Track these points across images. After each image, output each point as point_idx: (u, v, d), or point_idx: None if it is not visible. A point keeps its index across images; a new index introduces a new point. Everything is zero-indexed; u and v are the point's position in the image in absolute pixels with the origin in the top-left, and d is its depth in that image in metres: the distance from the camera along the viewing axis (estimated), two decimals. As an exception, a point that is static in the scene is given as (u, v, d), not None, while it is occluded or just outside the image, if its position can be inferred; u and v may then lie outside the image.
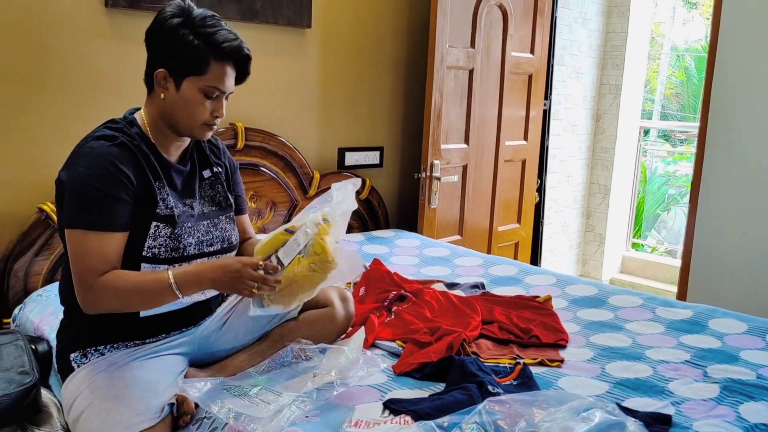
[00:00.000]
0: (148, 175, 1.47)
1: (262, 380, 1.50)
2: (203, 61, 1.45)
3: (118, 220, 1.41)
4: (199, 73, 1.45)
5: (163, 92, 1.48)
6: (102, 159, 1.40)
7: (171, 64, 1.46)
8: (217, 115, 1.52)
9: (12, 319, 2.12)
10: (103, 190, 1.39)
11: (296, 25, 2.80)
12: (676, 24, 8.90)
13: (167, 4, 1.49)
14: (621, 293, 2.32)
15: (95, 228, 1.39)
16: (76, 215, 1.39)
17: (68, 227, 1.40)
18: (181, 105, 1.48)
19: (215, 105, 1.51)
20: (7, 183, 2.16)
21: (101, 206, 1.39)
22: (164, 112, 1.50)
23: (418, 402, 1.44)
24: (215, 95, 1.49)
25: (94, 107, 2.30)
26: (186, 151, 1.61)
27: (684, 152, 7.82)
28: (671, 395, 1.56)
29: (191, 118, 1.49)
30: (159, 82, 1.48)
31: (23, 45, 2.14)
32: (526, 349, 1.85)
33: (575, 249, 5.12)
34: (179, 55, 1.45)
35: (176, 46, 1.44)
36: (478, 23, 3.25)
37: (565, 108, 4.67)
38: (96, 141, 1.43)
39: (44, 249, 2.20)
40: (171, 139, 1.55)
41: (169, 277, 1.40)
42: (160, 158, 1.52)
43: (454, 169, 3.31)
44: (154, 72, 1.48)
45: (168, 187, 1.51)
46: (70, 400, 1.46)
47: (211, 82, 1.47)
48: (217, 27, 1.46)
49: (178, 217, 1.50)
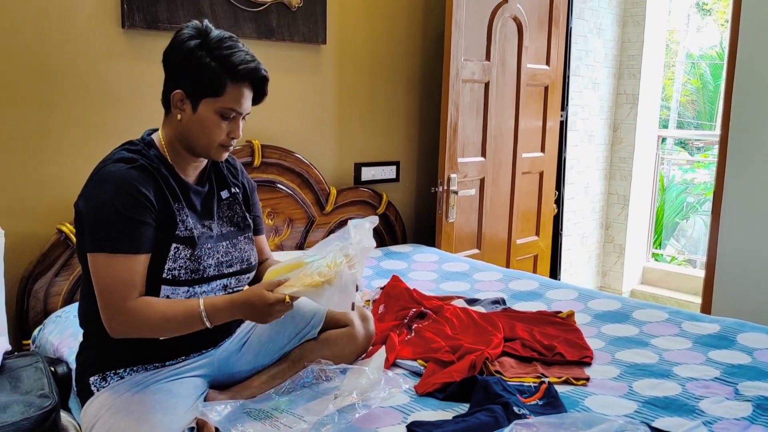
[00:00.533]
0: (167, 197, 1.46)
1: (282, 402, 1.48)
2: (220, 83, 1.44)
3: (142, 243, 1.40)
4: (215, 95, 1.45)
5: (179, 113, 1.48)
6: (123, 182, 1.40)
7: (188, 85, 1.46)
8: (234, 136, 1.51)
9: (32, 341, 2.12)
10: (125, 213, 1.38)
11: (312, 41, 2.80)
12: (690, 31, 8.84)
13: (185, 26, 1.49)
14: (645, 307, 2.28)
15: (120, 251, 1.38)
16: (99, 239, 1.38)
17: (91, 251, 1.40)
18: (197, 126, 1.47)
19: (232, 126, 1.50)
20: (26, 203, 2.17)
21: (124, 229, 1.38)
22: (181, 133, 1.50)
23: (442, 424, 1.41)
24: (232, 116, 1.49)
25: (113, 127, 2.30)
26: (204, 171, 1.60)
27: (701, 160, 7.73)
28: (702, 414, 1.51)
29: (208, 139, 1.48)
30: (176, 103, 1.48)
31: (42, 67, 2.15)
32: (550, 367, 1.81)
33: (594, 260, 5.06)
34: (196, 77, 1.44)
35: (193, 68, 1.44)
36: (493, 36, 3.24)
37: (582, 118, 4.63)
38: (115, 164, 1.43)
39: (64, 269, 2.20)
40: (189, 160, 1.54)
41: (199, 309, 1.40)
42: (178, 180, 1.51)
43: (472, 183, 3.28)
44: (171, 93, 1.48)
45: (187, 208, 1.50)
46: (89, 425, 1.45)
47: (227, 104, 1.46)
48: (234, 49, 1.46)
49: (198, 239, 1.49)
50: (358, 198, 3.07)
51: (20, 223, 2.15)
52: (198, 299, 1.43)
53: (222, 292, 1.57)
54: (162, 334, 1.44)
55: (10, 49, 2.09)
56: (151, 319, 1.39)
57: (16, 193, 2.15)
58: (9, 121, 2.11)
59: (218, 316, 1.42)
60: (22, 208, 2.16)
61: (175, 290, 1.46)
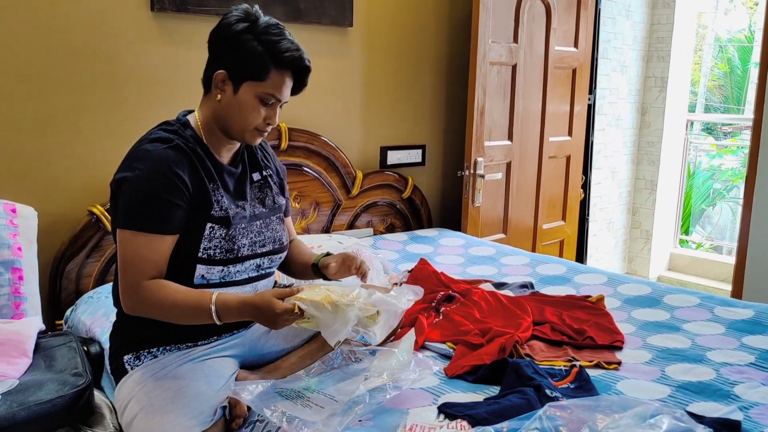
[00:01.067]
0: (203, 177, 1.47)
1: (313, 383, 1.48)
2: (264, 67, 1.44)
3: (170, 224, 1.41)
4: (258, 79, 1.45)
5: (220, 94, 1.49)
6: (159, 162, 1.40)
7: (232, 67, 1.46)
8: (270, 122, 1.52)
9: (64, 321, 2.15)
10: (158, 193, 1.39)
11: (339, 24, 2.78)
12: (718, 14, 8.64)
13: (233, 8, 1.49)
14: (676, 292, 2.25)
15: (146, 230, 1.39)
16: (129, 216, 1.40)
17: (120, 227, 1.41)
18: (236, 108, 1.47)
19: (269, 112, 1.50)
20: (59, 185, 2.20)
21: (154, 209, 1.39)
22: (218, 114, 1.50)
23: (473, 406, 1.40)
24: (271, 102, 1.49)
25: (144, 110, 2.32)
26: (237, 153, 1.61)
27: (729, 145, 7.59)
28: (738, 399, 1.49)
29: (245, 122, 1.49)
30: (217, 83, 1.48)
31: (74, 50, 2.17)
32: (580, 350, 1.80)
33: (621, 246, 5.00)
34: (241, 59, 1.45)
35: (239, 50, 1.44)
36: (521, 18, 3.19)
37: (610, 102, 4.56)
38: (152, 144, 1.44)
39: (95, 251, 2.23)
40: (223, 141, 1.55)
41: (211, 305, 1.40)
42: (213, 160, 1.52)
43: (498, 167, 3.25)
44: (213, 73, 1.48)
45: (222, 188, 1.51)
46: (123, 402, 1.47)
47: (268, 89, 1.47)
48: (281, 36, 1.46)
49: (233, 218, 1.50)
50: (384, 182, 3.06)
51: (53, 204, 2.18)
52: (212, 293, 1.42)
53: (255, 272, 1.57)
54: (170, 319, 1.44)
55: (44, 32, 2.11)
56: (162, 301, 1.39)
57: (49, 175, 2.17)
58: (42, 103, 2.13)
59: (228, 314, 1.41)
60: (54, 189, 2.19)
61: (210, 269, 1.47)
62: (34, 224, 2.04)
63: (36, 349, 1.74)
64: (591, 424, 1.20)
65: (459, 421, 1.34)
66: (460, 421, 1.34)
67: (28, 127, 2.12)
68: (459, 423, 1.33)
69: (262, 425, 1.41)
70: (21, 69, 2.09)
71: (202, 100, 1.55)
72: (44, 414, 1.47)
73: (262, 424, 1.41)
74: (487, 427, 1.23)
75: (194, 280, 1.48)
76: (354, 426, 1.35)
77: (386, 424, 1.37)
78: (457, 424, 1.33)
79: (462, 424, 1.32)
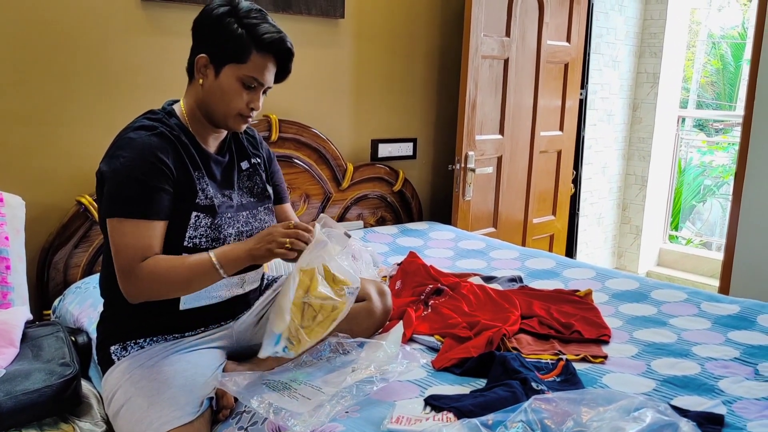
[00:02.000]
0: (187, 165, 1.46)
1: (300, 375, 1.49)
2: (245, 50, 1.44)
3: (159, 209, 1.40)
4: (239, 62, 1.45)
5: (202, 78, 1.49)
6: (143, 149, 1.40)
7: (213, 50, 1.46)
8: (253, 107, 1.51)
9: (52, 311, 2.15)
10: (143, 179, 1.38)
11: (329, 15, 2.77)
12: (711, 10, 8.66)
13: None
14: (663, 287, 2.26)
15: (136, 216, 1.38)
16: (117, 204, 1.39)
17: (109, 216, 1.40)
18: (218, 93, 1.47)
19: (252, 96, 1.49)
20: (47, 175, 2.18)
21: (142, 195, 1.38)
22: (202, 99, 1.50)
23: (460, 398, 1.41)
24: (253, 86, 1.48)
25: (132, 100, 2.30)
26: (224, 142, 1.60)
27: (720, 141, 7.62)
28: (722, 394, 1.50)
29: (227, 106, 1.48)
30: (199, 68, 1.48)
31: (61, 39, 2.15)
32: (567, 344, 1.81)
33: (611, 241, 5.03)
34: (222, 42, 1.45)
35: (220, 33, 1.45)
36: (514, 11, 3.19)
37: (602, 97, 4.57)
38: (136, 132, 1.43)
39: (83, 241, 2.22)
40: (209, 129, 1.54)
41: (211, 258, 1.39)
42: (199, 149, 1.51)
43: (489, 161, 3.26)
44: (195, 58, 1.48)
45: (207, 177, 1.51)
46: (110, 393, 1.47)
47: (250, 72, 1.46)
48: (262, 20, 1.47)
49: (218, 207, 1.49)
50: (375, 174, 3.06)
51: (41, 194, 2.17)
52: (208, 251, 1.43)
53: None
54: (176, 290, 1.42)
55: (31, 21, 2.09)
56: (161, 274, 1.37)
57: (37, 164, 2.16)
58: (30, 93, 2.12)
59: (229, 261, 1.40)
60: (42, 179, 2.17)
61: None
62: (21, 214, 2.02)
63: (23, 339, 1.73)
64: (576, 417, 1.21)
65: (445, 413, 1.34)
66: (446, 413, 1.34)
67: (14, 117, 2.10)
68: (445, 415, 1.34)
69: (249, 416, 1.41)
70: (7, 58, 2.07)
71: (187, 89, 1.54)
72: (31, 403, 1.47)
73: (249, 415, 1.41)
74: (473, 419, 1.24)
75: None
76: (341, 417, 1.35)
77: (373, 415, 1.37)
78: (443, 416, 1.33)
79: (448, 416, 1.33)
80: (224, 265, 1.40)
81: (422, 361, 1.59)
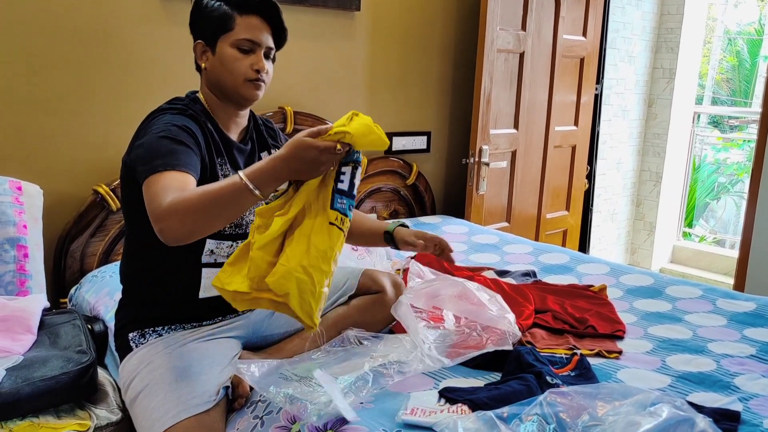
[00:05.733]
0: (211, 150, 1.49)
1: (316, 365, 1.49)
2: (228, 17, 1.48)
3: (191, 164, 1.36)
4: (227, 30, 1.48)
5: (204, 63, 1.52)
6: (173, 120, 1.43)
7: (204, 33, 1.51)
8: (258, 68, 1.49)
9: (68, 299, 2.17)
10: (176, 138, 1.37)
11: (345, 8, 2.77)
12: (728, 6, 8.56)
13: None
14: (678, 284, 2.25)
15: (169, 169, 1.31)
16: (150, 165, 1.32)
17: (145, 178, 1.32)
18: (220, 66, 1.50)
19: (253, 59, 1.50)
20: (65, 164, 2.20)
21: (175, 151, 1.35)
22: (212, 82, 1.53)
23: (474, 391, 1.41)
24: (248, 48, 1.50)
25: (149, 90, 2.31)
26: (246, 131, 1.62)
27: (735, 139, 7.55)
28: (738, 390, 1.50)
29: (232, 75, 1.49)
30: (199, 55, 1.53)
31: (80, 30, 2.16)
32: (581, 339, 1.80)
33: (624, 238, 5.00)
34: (208, 22, 1.50)
35: (204, 14, 1.50)
36: (530, 5, 3.17)
37: (617, 93, 4.54)
38: (164, 113, 1.47)
39: (99, 230, 2.23)
40: (230, 114, 1.56)
41: (241, 178, 1.22)
42: (222, 135, 1.54)
43: (503, 155, 3.25)
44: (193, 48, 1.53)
45: (229, 164, 1.53)
46: (127, 380, 1.48)
47: (240, 35, 1.48)
48: None
49: None
50: (389, 168, 3.06)
51: (58, 183, 2.19)
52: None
53: None
54: (209, 216, 1.25)
55: (50, 12, 2.10)
56: (190, 200, 1.23)
57: (55, 154, 2.18)
58: (48, 83, 2.13)
59: (265, 180, 1.23)
60: (60, 168, 2.19)
61: (219, 244, 1.49)
62: (39, 202, 2.04)
63: (41, 326, 1.75)
64: (591, 411, 1.21)
65: (460, 406, 1.34)
66: (461, 406, 1.34)
67: (33, 106, 2.12)
68: (460, 407, 1.34)
69: (264, 405, 1.42)
70: (26, 47, 2.08)
71: (200, 83, 1.58)
72: (48, 390, 1.49)
73: (264, 404, 1.42)
74: (488, 411, 1.24)
75: (202, 257, 1.49)
76: (356, 408, 1.35)
77: (388, 407, 1.37)
78: (457, 408, 1.33)
79: (463, 409, 1.33)
80: (255, 180, 1.22)
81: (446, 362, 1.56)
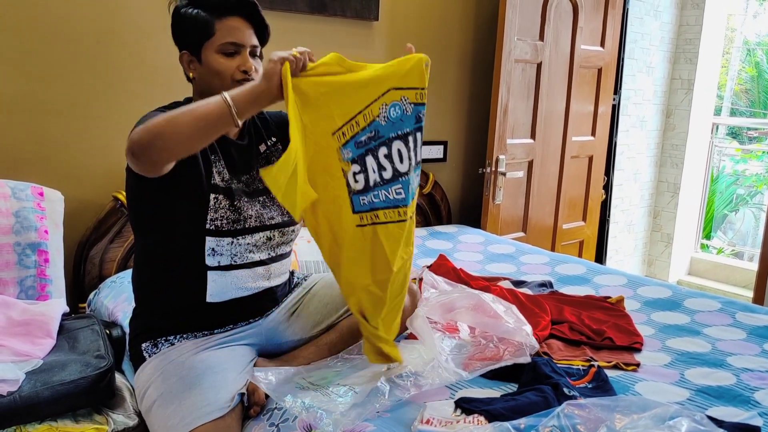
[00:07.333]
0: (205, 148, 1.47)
1: (332, 373, 1.49)
2: (207, 23, 1.48)
3: None
4: (209, 36, 1.48)
5: (192, 72, 1.53)
6: (163, 107, 1.46)
7: (186, 43, 1.52)
8: (245, 68, 1.49)
9: (87, 304, 2.19)
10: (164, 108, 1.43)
11: (364, 17, 2.78)
12: (747, 17, 8.50)
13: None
14: (697, 296, 2.22)
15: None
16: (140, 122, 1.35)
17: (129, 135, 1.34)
18: (208, 74, 1.50)
19: (239, 60, 1.49)
20: (85, 170, 2.23)
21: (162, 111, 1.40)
22: (202, 89, 1.53)
23: (490, 402, 1.40)
24: (233, 51, 1.49)
25: (173, 97, 2.31)
26: (243, 126, 1.60)
27: (754, 150, 7.48)
28: (758, 405, 1.48)
29: (220, 79, 1.49)
30: (186, 66, 1.53)
31: (100, 36, 2.20)
32: (599, 351, 1.79)
33: (641, 249, 4.96)
34: (188, 30, 1.50)
35: (183, 24, 1.51)
36: (548, 15, 3.17)
37: (635, 103, 4.52)
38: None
39: (118, 237, 2.26)
40: None
41: (222, 93, 1.29)
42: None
43: (520, 165, 3.24)
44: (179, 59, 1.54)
45: (224, 160, 1.53)
46: (142, 389, 1.48)
47: (222, 39, 1.48)
48: None
49: (235, 191, 1.51)
50: (405, 177, 3.05)
51: (79, 189, 2.21)
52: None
53: (266, 245, 1.56)
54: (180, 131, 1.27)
55: (69, 17, 2.13)
56: (164, 117, 1.27)
57: (75, 160, 2.21)
58: (69, 88, 2.16)
59: (242, 99, 1.28)
60: (81, 174, 2.22)
61: (219, 241, 1.47)
62: (60, 208, 2.07)
63: (60, 331, 1.77)
64: (609, 424, 1.20)
65: (476, 416, 1.34)
66: (477, 416, 1.34)
67: (54, 112, 2.15)
68: (476, 418, 1.33)
69: (280, 413, 1.42)
70: (47, 53, 2.12)
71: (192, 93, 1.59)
72: (67, 394, 1.50)
73: (280, 411, 1.42)
74: (504, 422, 1.23)
75: (205, 257, 1.47)
76: (372, 418, 1.35)
77: (403, 416, 1.37)
78: (474, 419, 1.33)
79: (479, 419, 1.32)
80: (234, 98, 1.27)
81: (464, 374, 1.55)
